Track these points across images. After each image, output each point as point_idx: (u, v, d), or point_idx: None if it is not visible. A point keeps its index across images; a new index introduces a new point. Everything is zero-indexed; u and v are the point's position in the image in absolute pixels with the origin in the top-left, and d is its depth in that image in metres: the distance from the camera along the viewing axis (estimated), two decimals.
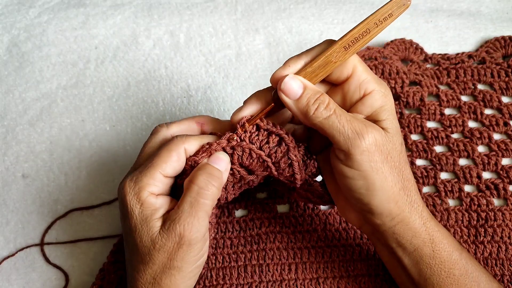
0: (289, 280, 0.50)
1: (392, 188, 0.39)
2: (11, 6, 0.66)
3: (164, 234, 0.37)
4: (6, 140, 0.59)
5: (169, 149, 0.39)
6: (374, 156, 0.38)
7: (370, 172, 0.38)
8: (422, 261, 0.41)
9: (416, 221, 0.40)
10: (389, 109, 0.39)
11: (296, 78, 0.39)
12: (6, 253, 0.54)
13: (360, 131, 0.37)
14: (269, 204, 0.53)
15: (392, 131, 0.39)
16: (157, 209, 0.38)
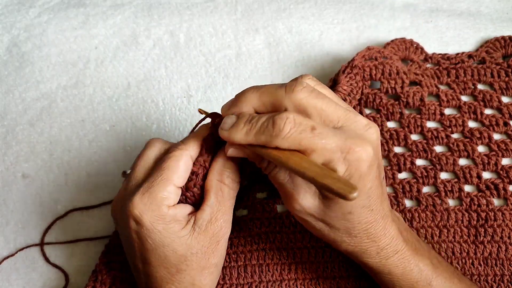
0: (289, 280, 0.50)
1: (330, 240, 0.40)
2: (11, 6, 0.66)
3: (201, 236, 0.38)
4: (6, 140, 0.59)
5: (177, 160, 0.39)
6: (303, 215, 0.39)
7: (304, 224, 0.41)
8: (383, 283, 0.43)
9: (368, 261, 0.41)
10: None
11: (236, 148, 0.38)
12: (6, 253, 0.54)
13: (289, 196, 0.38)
14: (269, 204, 0.53)
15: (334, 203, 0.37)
16: (179, 220, 0.38)
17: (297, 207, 0.38)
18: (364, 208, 0.37)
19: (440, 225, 0.52)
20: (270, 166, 0.37)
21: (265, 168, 0.38)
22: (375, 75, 0.55)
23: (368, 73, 0.55)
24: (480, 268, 0.50)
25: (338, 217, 0.38)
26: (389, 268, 0.41)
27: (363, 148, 0.35)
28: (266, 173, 0.38)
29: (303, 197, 0.37)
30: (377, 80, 0.56)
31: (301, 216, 0.39)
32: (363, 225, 0.38)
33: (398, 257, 0.41)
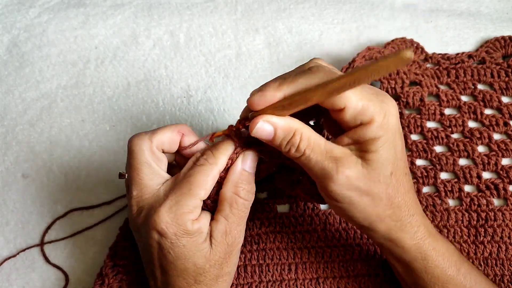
0: (289, 280, 0.50)
1: (373, 217, 0.39)
2: (11, 6, 0.66)
3: (218, 249, 0.39)
4: (6, 140, 0.59)
5: (206, 174, 0.39)
6: (346, 192, 0.37)
7: (346, 204, 0.38)
8: (415, 273, 0.42)
9: (406, 242, 0.40)
10: (382, 141, 0.36)
11: (267, 122, 0.37)
12: (6, 253, 0.54)
13: (330, 173, 0.36)
14: (269, 204, 0.53)
15: (376, 164, 0.37)
16: (202, 232, 0.39)
17: (343, 181, 0.36)
18: (400, 170, 0.38)
19: (440, 225, 0.52)
20: (302, 144, 0.37)
21: (297, 148, 0.37)
22: None
23: None
24: (480, 268, 0.50)
25: (381, 182, 0.37)
26: (425, 251, 0.41)
27: (393, 103, 0.37)
28: (296, 155, 0.37)
29: (349, 168, 0.36)
30: (377, 80, 0.56)
31: (345, 194, 0.37)
32: (402, 191, 0.39)
33: (432, 239, 0.41)
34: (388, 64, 0.30)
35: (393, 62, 0.30)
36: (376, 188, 0.38)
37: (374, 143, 0.36)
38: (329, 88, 0.33)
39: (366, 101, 0.36)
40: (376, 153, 0.37)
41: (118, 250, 0.50)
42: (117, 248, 0.51)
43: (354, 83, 0.32)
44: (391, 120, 0.37)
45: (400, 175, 0.39)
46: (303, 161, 0.38)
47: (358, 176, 0.37)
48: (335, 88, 0.33)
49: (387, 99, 0.37)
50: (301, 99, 0.35)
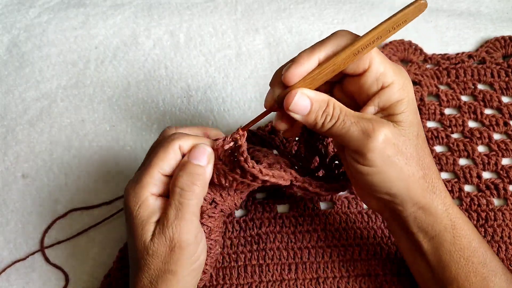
0: (289, 280, 0.50)
1: (410, 178, 0.39)
2: (11, 6, 0.66)
3: (155, 240, 0.37)
4: (6, 140, 0.59)
5: (165, 147, 0.39)
6: (385, 151, 0.38)
7: (385, 167, 0.38)
8: (442, 247, 0.41)
9: (438, 207, 0.41)
10: (406, 102, 0.38)
11: (305, 95, 0.38)
12: (6, 253, 0.54)
13: (368, 131, 0.37)
14: (269, 204, 0.53)
15: (405, 124, 0.38)
16: (154, 212, 0.38)
17: (382, 138, 0.37)
18: (422, 132, 0.41)
19: None
20: (336, 111, 0.38)
21: (332, 116, 0.38)
22: None
23: None
24: None
25: (412, 142, 0.39)
26: (454, 218, 0.41)
27: (406, 72, 0.40)
28: (332, 123, 0.38)
29: (384, 127, 0.38)
30: None
31: (383, 153, 0.38)
32: (427, 153, 0.41)
33: (457, 208, 0.42)
34: (406, 13, 0.36)
35: (411, 11, 0.36)
36: (409, 147, 0.39)
37: (399, 105, 0.38)
38: (357, 46, 0.36)
39: (387, 64, 0.38)
40: (402, 114, 0.38)
41: (127, 252, 0.50)
42: (126, 251, 0.50)
43: (378, 38, 0.36)
44: (409, 84, 0.39)
45: (423, 137, 0.41)
46: (338, 128, 0.38)
47: (393, 134, 0.38)
48: (362, 45, 0.36)
49: (401, 67, 0.40)
50: (330, 65, 0.37)
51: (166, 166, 0.39)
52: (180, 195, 0.37)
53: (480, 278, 0.41)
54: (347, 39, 0.38)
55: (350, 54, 0.37)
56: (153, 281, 0.38)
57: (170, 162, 0.39)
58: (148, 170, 0.38)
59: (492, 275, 0.41)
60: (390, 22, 0.37)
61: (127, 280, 0.48)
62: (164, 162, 0.39)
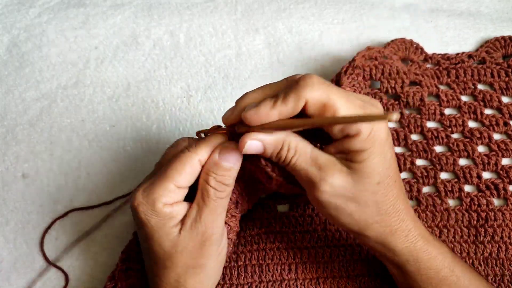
0: (289, 280, 0.50)
1: (362, 223, 0.39)
2: (11, 6, 0.66)
3: (186, 234, 0.38)
4: (6, 140, 0.59)
5: (183, 161, 0.39)
6: (332, 199, 0.38)
7: (334, 211, 0.39)
8: (408, 275, 0.42)
9: (397, 245, 0.41)
10: (368, 153, 0.37)
11: (256, 140, 0.37)
12: (6, 253, 0.54)
13: (314, 179, 0.37)
14: (269, 204, 0.53)
15: (362, 173, 0.37)
16: (174, 217, 0.39)
17: (327, 189, 0.37)
18: (389, 178, 0.39)
19: (440, 225, 0.52)
20: (290, 153, 0.38)
21: (285, 158, 0.38)
22: (375, 75, 0.55)
23: (368, 73, 0.55)
24: (480, 268, 0.50)
25: (368, 190, 0.38)
26: (417, 253, 0.41)
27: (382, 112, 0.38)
28: (285, 163, 0.38)
29: (333, 176, 0.37)
30: (377, 80, 0.56)
31: (330, 201, 0.38)
32: (391, 198, 0.39)
33: (424, 242, 0.42)
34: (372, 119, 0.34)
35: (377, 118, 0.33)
36: (362, 195, 0.38)
37: (360, 154, 0.37)
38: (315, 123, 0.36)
39: (354, 111, 0.36)
40: (362, 163, 0.37)
41: (131, 254, 0.50)
42: (130, 252, 0.50)
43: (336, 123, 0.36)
44: (379, 132, 0.37)
45: (388, 182, 0.39)
46: (291, 168, 0.39)
47: (343, 184, 0.37)
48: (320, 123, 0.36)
49: (373, 104, 0.38)
50: (292, 127, 0.37)
51: (182, 180, 0.38)
52: (214, 194, 0.38)
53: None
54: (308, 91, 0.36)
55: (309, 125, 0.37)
56: (180, 279, 0.38)
57: (187, 177, 0.39)
58: (162, 183, 0.38)
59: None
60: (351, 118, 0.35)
61: (132, 282, 0.48)
62: (181, 176, 0.38)
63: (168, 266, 0.38)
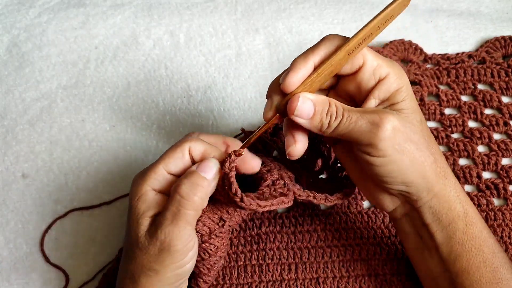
0: (289, 280, 0.50)
1: (423, 163, 0.40)
2: (11, 6, 0.66)
3: (147, 237, 0.38)
4: (6, 140, 0.59)
5: (175, 146, 0.40)
6: (396, 139, 0.38)
7: (397, 155, 0.38)
8: (455, 236, 0.41)
9: (451, 193, 0.41)
10: (404, 90, 0.39)
11: (307, 99, 0.38)
12: (6, 253, 0.54)
13: (375, 121, 0.38)
14: None
15: (408, 111, 0.39)
16: (151, 207, 0.38)
17: (389, 127, 0.38)
18: (424, 118, 0.41)
19: None
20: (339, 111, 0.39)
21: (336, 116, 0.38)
22: None
23: None
24: None
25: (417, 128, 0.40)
26: (466, 205, 0.42)
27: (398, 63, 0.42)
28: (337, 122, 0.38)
29: (390, 115, 0.38)
30: None
31: (395, 140, 0.38)
32: (433, 140, 0.41)
33: (467, 196, 0.42)
34: (393, 9, 0.39)
35: (397, 6, 0.39)
36: (416, 133, 0.39)
37: (399, 93, 0.39)
38: (351, 45, 0.38)
39: (380, 58, 0.40)
40: (404, 101, 0.39)
41: None
42: None
43: (370, 36, 0.38)
44: (404, 73, 0.40)
45: (426, 124, 0.41)
46: (344, 125, 0.38)
47: (400, 122, 0.38)
48: (356, 43, 0.38)
49: (392, 60, 0.41)
50: (327, 67, 0.38)
51: (172, 164, 0.39)
52: (179, 203, 0.37)
53: (490, 268, 0.41)
54: (338, 41, 0.39)
55: (345, 54, 0.38)
56: (135, 274, 0.39)
57: (177, 162, 0.39)
58: (153, 165, 0.39)
59: (501, 266, 0.41)
60: (379, 19, 0.39)
61: None
62: (171, 159, 0.39)
63: (129, 256, 0.39)
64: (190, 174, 0.39)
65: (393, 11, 0.39)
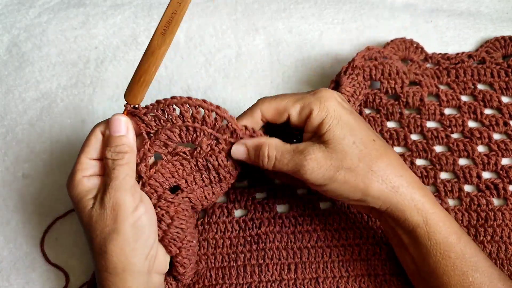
0: (288, 280, 0.50)
1: (360, 185, 0.42)
2: (11, 6, 0.66)
3: (97, 205, 0.40)
4: (6, 140, 0.59)
5: (88, 135, 0.43)
6: (324, 172, 0.42)
7: (331, 184, 0.42)
8: (419, 241, 0.43)
9: (404, 204, 0.42)
10: (328, 120, 0.43)
11: (241, 145, 0.44)
12: (6, 253, 0.54)
13: (301, 162, 0.42)
14: (269, 204, 0.53)
15: (334, 140, 0.42)
16: (90, 190, 0.41)
17: (314, 164, 0.42)
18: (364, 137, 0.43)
19: None
20: (271, 151, 0.43)
21: (269, 159, 0.44)
22: (375, 75, 0.55)
23: (368, 73, 0.55)
24: None
25: (349, 152, 0.42)
26: (426, 214, 0.43)
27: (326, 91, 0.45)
28: (271, 163, 0.44)
29: (314, 151, 0.42)
30: (377, 80, 0.56)
31: (322, 175, 0.42)
32: (377, 154, 0.43)
33: (432, 205, 0.43)
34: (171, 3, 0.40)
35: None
36: (346, 159, 0.42)
37: (322, 125, 0.43)
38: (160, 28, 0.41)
39: (300, 101, 0.44)
40: (328, 132, 0.42)
41: None
42: None
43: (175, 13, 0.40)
44: (329, 103, 0.43)
45: (365, 141, 0.43)
46: (277, 166, 0.43)
47: (325, 155, 0.42)
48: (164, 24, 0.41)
49: (318, 91, 0.45)
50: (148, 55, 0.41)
51: (92, 150, 0.43)
52: (113, 163, 0.41)
53: (459, 272, 0.42)
54: None
55: (158, 36, 0.41)
56: (101, 244, 0.40)
57: (95, 146, 0.43)
58: (77, 158, 0.42)
59: (472, 270, 0.42)
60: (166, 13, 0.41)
61: None
62: (89, 147, 0.42)
63: (90, 236, 0.41)
64: (107, 140, 0.42)
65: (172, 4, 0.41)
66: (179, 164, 0.45)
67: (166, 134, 0.43)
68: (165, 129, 0.43)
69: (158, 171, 0.44)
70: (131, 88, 0.42)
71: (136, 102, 0.43)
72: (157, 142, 0.44)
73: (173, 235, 0.44)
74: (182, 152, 0.45)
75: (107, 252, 0.40)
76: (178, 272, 0.46)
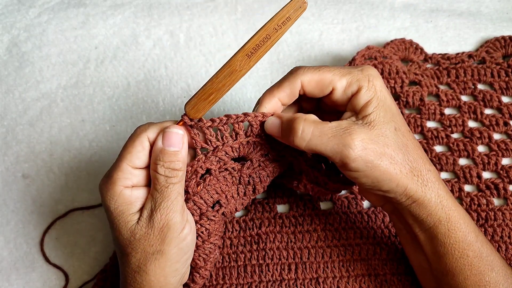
0: (289, 280, 0.50)
1: (397, 175, 0.40)
2: (11, 6, 0.66)
3: (143, 224, 0.38)
4: (6, 140, 0.59)
5: (132, 140, 0.40)
6: (367, 157, 0.38)
7: (369, 171, 0.39)
8: (436, 239, 0.42)
9: (431, 199, 0.41)
10: (374, 102, 0.40)
11: (274, 119, 0.41)
12: (6, 253, 0.54)
13: (346, 140, 0.38)
14: (269, 204, 0.53)
15: (378, 124, 0.40)
16: (132, 203, 0.39)
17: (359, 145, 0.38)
18: (404, 125, 0.42)
19: None
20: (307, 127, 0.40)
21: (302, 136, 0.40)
22: None
23: None
24: None
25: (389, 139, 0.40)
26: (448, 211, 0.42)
27: (372, 69, 0.42)
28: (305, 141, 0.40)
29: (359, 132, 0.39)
30: None
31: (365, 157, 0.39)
32: (412, 147, 0.41)
33: (452, 201, 0.42)
34: (287, 10, 0.39)
35: (291, 7, 0.39)
36: (390, 145, 0.39)
37: (369, 105, 0.40)
38: (247, 49, 0.39)
39: (348, 75, 0.41)
40: (374, 113, 0.40)
41: None
42: None
43: (268, 38, 0.39)
44: (376, 82, 0.41)
45: (404, 131, 0.41)
46: (312, 144, 0.39)
47: (370, 137, 0.39)
48: (251, 46, 0.39)
49: (365, 67, 0.42)
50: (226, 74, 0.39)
51: (135, 159, 0.39)
52: (166, 180, 0.38)
53: (476, 271, 0.41)
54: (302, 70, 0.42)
55: (243, 56, 0.39)
56: (141, 264, 0.39)
57: (139, 155, 0.39)
58: (118, 165, 0.39)
59: (488, 270, 0.41)
60: (274, 20, 0.39)
61: None
62: (133, 155, 0.39)
63: (128, 252, 0.39)
64: (161, 153, 0.39)
65: (288, 13, 0.39)
66: (223, 179, 0.43)
67: (226, 150, 0.41)
68: (227, 146, 0.41)
69: (205, 187, 0.42)
70: (196, 103, 0.39)
71: (196, 117, 0.40)
72: (213, 158, 0.41)
73: (206, 250, 0.43)
74: (231, 168, 0.42)
75: (147, 272, 0.39)
76: (195, 282, 0.45)
